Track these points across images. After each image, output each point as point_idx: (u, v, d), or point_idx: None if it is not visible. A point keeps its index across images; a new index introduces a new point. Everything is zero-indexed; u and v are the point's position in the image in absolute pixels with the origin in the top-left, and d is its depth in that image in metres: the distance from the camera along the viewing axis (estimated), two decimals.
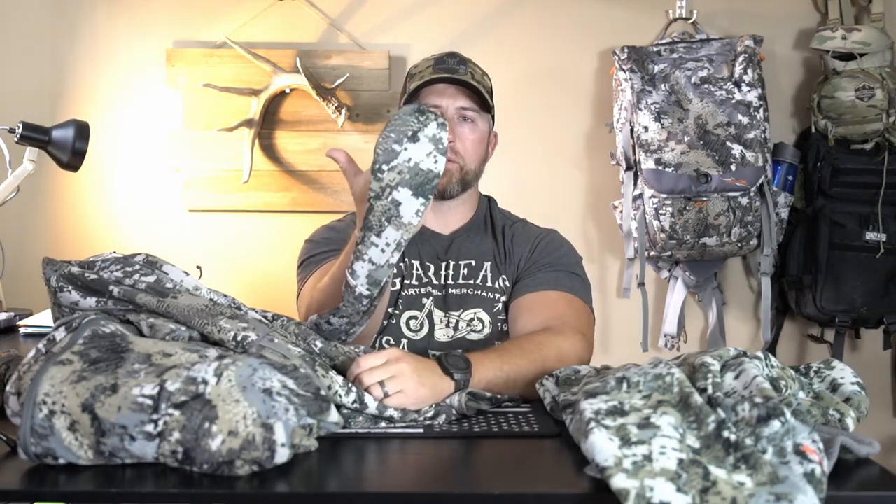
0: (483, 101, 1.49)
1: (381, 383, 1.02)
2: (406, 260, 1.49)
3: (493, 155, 1.59)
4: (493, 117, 1.56)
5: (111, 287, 1.03)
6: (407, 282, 1.47)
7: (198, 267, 2.12)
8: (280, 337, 0.99)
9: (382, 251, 1.08)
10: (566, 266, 1.47)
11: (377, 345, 1.41)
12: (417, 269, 1.49)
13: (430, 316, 1.44)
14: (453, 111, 1.47)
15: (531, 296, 1.42)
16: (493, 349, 1.26)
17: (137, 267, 1.07)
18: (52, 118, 2.15)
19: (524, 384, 1.17)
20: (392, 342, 1.42)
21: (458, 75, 1.46)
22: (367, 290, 1.10)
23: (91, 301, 1.03)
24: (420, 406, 1.04)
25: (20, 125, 1.89)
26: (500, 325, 1.45)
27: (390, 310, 1.44)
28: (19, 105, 2.49)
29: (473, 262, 1.49)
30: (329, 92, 2.47)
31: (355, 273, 1.10)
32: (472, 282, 1.47)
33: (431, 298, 1.45)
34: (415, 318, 1.44)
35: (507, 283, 1.48)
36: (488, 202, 1.61)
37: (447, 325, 1.43)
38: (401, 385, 1.03)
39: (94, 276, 1.04)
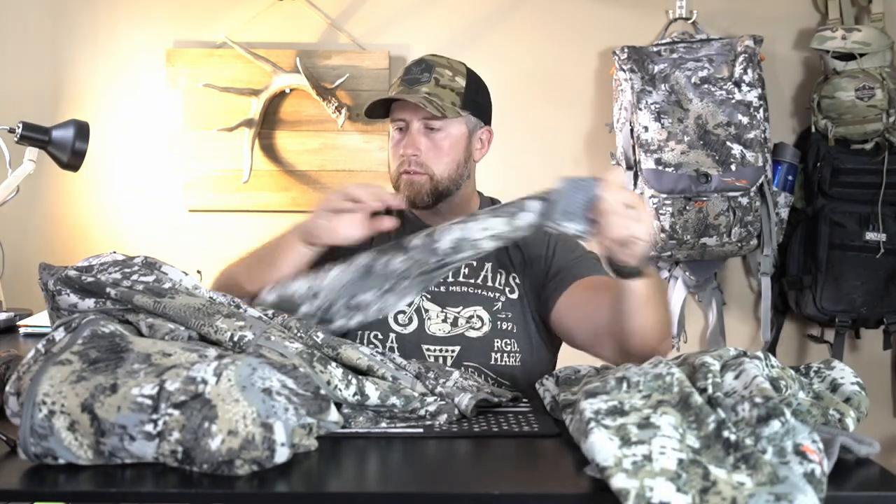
0: (460, 104, 1.46)
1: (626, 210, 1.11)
2: None
3: (488, 151, 1.55)
4: (484, 113, 1.53)
5: (108, 289, 1.03)
6: None
7: (198, 271, 2.12)
8: (278, 334, 0.98)
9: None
10: (595, 258, 1.47)
11: (365, 340, 1.41)
12: None
13: (419, 311, 1.44)
14: (417, 124, 1.46)
15: (585, 280, 1.42)
16: None
17: (136, 268, 1.07)
18: (52, 118, 2.15)
19: (662, 314, 1.26)
20: (380, 336, 1.42)
21: (417, 85, 1.44)
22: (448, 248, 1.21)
23: (90, 302, 1.03)
24: (636, 249, 1.15)
25: (20, 125, 1.89)
26: (499, 322, 1.44)
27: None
28: (19, 105, 2.49)
29: (474, 263, 1.49)
30: (329, 92, 2.47)
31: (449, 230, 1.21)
32: (472, 280, 1.47)
33: (423, 294, 1.45)
34: (403, 312, 1.44)
35: (517, 280, 1.48)
36: (491, 203, 1.60)
37: (444, 321, 1.43)
38: (641, 217, 1.14)
39: (91, 279, 1.04)
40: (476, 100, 1.51)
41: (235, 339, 0.96)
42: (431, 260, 1.23)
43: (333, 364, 0.98)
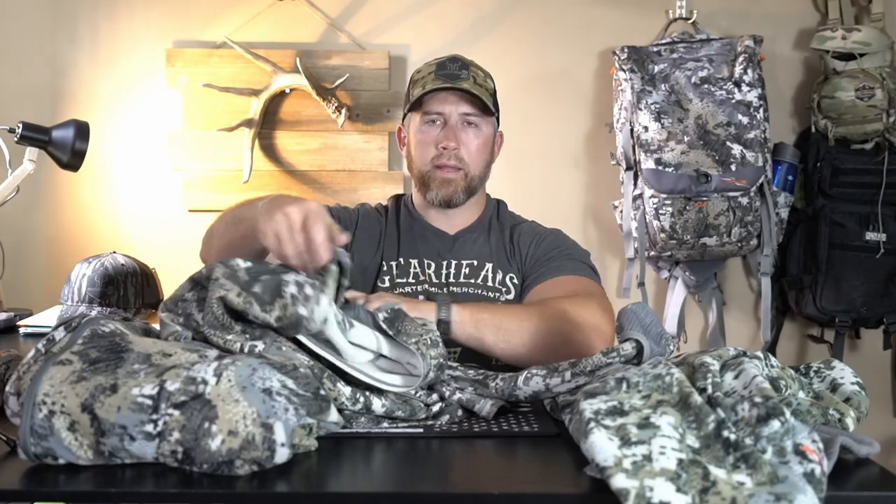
0: (487, 104, 1.50)
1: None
2: (401, 259, 1.50)
3: (499, 154, 1.62)
4: (497, 119, 1.57)
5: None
6: (401, 280, 1.49)
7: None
8: (288, 345, 0.97)
9: None
10: (572, 255, 1.49)
11: None
12: (415, 268, 1.50)
13: None
14: (457, 118, 1.49)
15: (541, 285, 1.43)
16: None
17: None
18: (52, 118, 2.15)
19: (517, 329, 1.24)
20: None
21: (459, 81, 1.47)
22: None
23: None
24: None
25: (20, 125, 1.89)
26: None
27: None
28: (19, 105, 2.49)
29: (475, 262, 1.50)
30: (329, 92, 2.47)
31: None
32: (473, 281, 1.48)
33: (426, 295, 1.46)
34: None
35: (514, 280, 1.49)
36: (497, 205, 1.61)
37: None
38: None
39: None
40: (497, 104, 1.56)
41: (245, 349, 0.93)
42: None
43: (342, 382, 0.97)
